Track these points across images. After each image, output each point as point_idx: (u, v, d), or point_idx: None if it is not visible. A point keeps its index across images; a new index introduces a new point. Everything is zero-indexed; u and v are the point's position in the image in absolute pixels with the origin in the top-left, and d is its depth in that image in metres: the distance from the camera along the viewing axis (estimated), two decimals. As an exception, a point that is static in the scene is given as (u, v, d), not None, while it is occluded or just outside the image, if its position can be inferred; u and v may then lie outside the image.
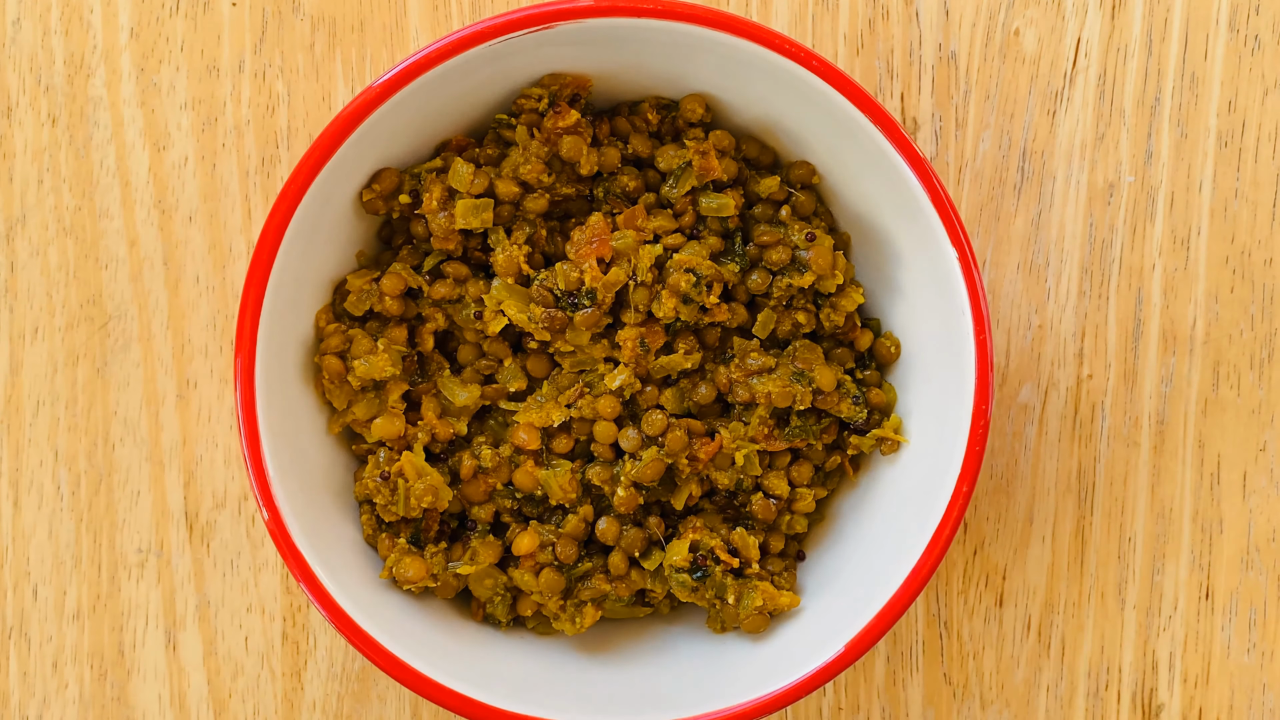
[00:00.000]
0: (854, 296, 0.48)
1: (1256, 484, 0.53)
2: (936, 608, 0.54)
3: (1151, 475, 0.54)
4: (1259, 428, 0.53)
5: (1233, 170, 0.53)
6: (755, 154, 0.49)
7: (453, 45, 0.43)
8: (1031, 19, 0.53)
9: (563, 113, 0.46)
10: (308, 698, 0.54)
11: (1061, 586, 0.54)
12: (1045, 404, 0.54)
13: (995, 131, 0.53)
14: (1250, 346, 0.53)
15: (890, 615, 0.44)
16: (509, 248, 0.46)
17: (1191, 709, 0.54)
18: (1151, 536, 0.54)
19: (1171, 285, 0.53)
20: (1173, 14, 0.53)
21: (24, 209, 0.53)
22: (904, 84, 0.53)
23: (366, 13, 0.53)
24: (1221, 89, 0.53)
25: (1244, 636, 0.54)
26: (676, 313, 0.46)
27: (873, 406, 0.48)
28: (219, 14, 0.53)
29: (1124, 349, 0.54)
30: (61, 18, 0.53)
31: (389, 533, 0.47)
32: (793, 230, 0.47)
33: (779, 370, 0.47)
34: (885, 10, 0.53)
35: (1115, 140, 0.53)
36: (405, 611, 0.47)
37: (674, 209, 0.48)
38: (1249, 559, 0.54)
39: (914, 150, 0.43)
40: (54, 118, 0.53)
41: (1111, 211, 0.53)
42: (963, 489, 0.44)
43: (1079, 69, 0.53)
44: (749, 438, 0.47)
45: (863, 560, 0.48)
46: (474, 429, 0.48)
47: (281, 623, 0.53)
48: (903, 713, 0.54)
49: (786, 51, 0.43)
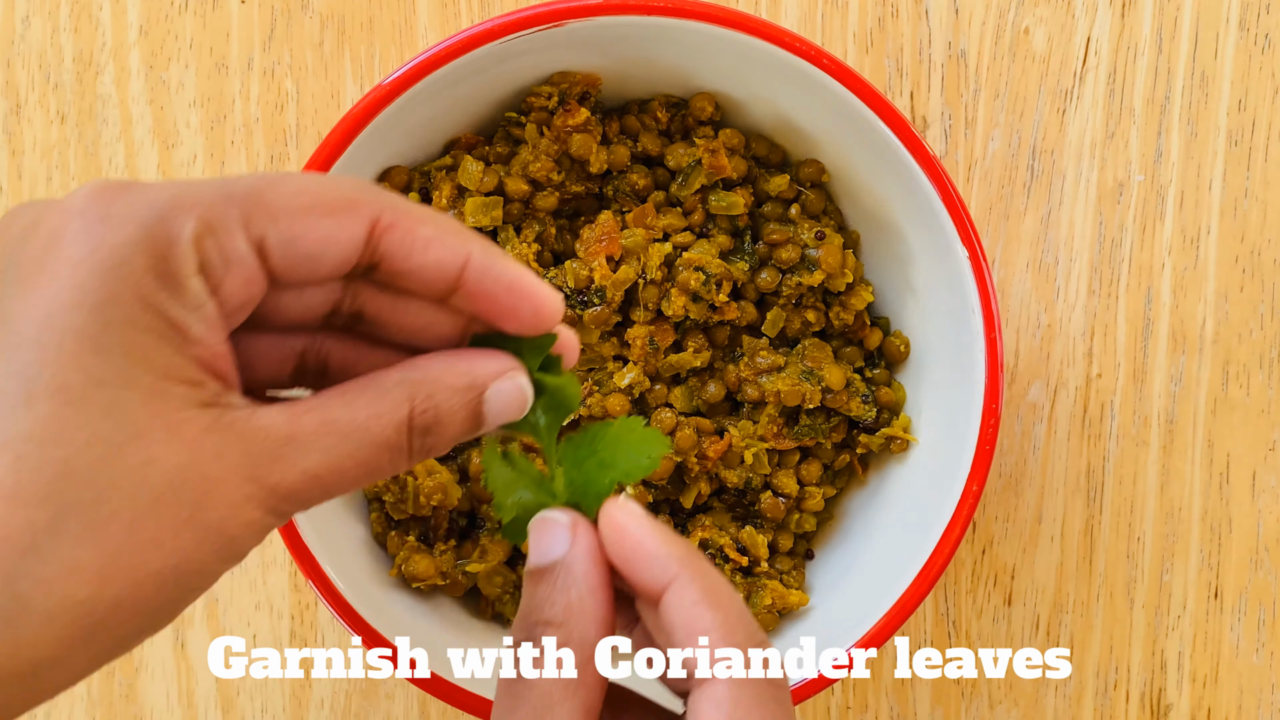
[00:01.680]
0: (863, 295, 0.48)
1: (1266, 483, 0.53)
2: (945, 607, 0.54)
3: (1160, 475, 0.54)
4: (1268, 427, 0.53)
5: (1243, 169, 0.53)
6: (765, 152, 0.49)
7: (462, 43, 0.42)
8: (1041, 17, 0.53)
9: (572, 111, 0.46)
10: (316, 695, 0.54)
11: (1070, 586, 0.54)
12: (1054, 403, 0.54)
13: (1005, 130, 0.53)
14: (1260, 346, 0.53)
15: (899, 614, 0.44)
16: (518, 245, 0.46)
17: (1200, 709, 0.54)
18: (1160, 536, 0.54)
19: (1181, 284, 0.53)
20: (1183, 13, 0.53)
21: (33, 206, 0.53)
22: (913, 82, 0.53)
23: (375, 10, 0.53)
24: (1232, 88, 0.53)
25: (1253, 636, 0.54)
26: (686, 311, 0.46)
27: (882, 405, 0.48)
28: (228, 11, 0.53)
29: (1133, 348, 0.53)
30: (71, 15, 0.53)
31: (398, 530, 0.47)
32: (802, 228, 0.47)
33: (788, 368, 0.47)
34: (895, 8, 0.53)
35: (1125, 139, 0.53)
36: (414, 609, 0.47)
37: (683, 207, 0.48)
38: (1258, 559, 0.54)
39: (924, 149, 0.43)
40: (63, 115, 0.53)
41: (1121, 210, 0.53)
42: (972, 488, 0.44)
43: (1089, 67, 0.53)
44: (758, 436, 0.47)
45: (871, 559, 0.48)
46: (483, 427, 0.48)
47: (290, 620, 0.53)
48: (911, 712, 0.54)
49: (796, 50, 0.43)
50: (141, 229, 0.26)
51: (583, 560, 0.31)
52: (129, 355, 0.26)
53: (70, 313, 0.25)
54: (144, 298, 0.26)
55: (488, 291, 0.30)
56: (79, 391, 0.25)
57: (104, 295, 0.25)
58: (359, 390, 0.29)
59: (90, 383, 0.25)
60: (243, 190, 0.27)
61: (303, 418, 0.28)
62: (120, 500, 0.26)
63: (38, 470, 0.25)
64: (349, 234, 0.28)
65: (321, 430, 0.28)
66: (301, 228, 0.28)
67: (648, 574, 0.31)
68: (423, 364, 0.30)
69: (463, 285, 0.30)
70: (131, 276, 0.26)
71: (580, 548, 0.32)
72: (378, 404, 0.29)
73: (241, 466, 0.27)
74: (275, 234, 0.28)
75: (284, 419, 0.28)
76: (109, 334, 0.26)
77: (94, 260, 0.26)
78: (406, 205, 0.29)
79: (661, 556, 0.31)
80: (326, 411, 0.28)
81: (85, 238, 0.26)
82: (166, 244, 0.26)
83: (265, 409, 0.28)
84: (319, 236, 0.28)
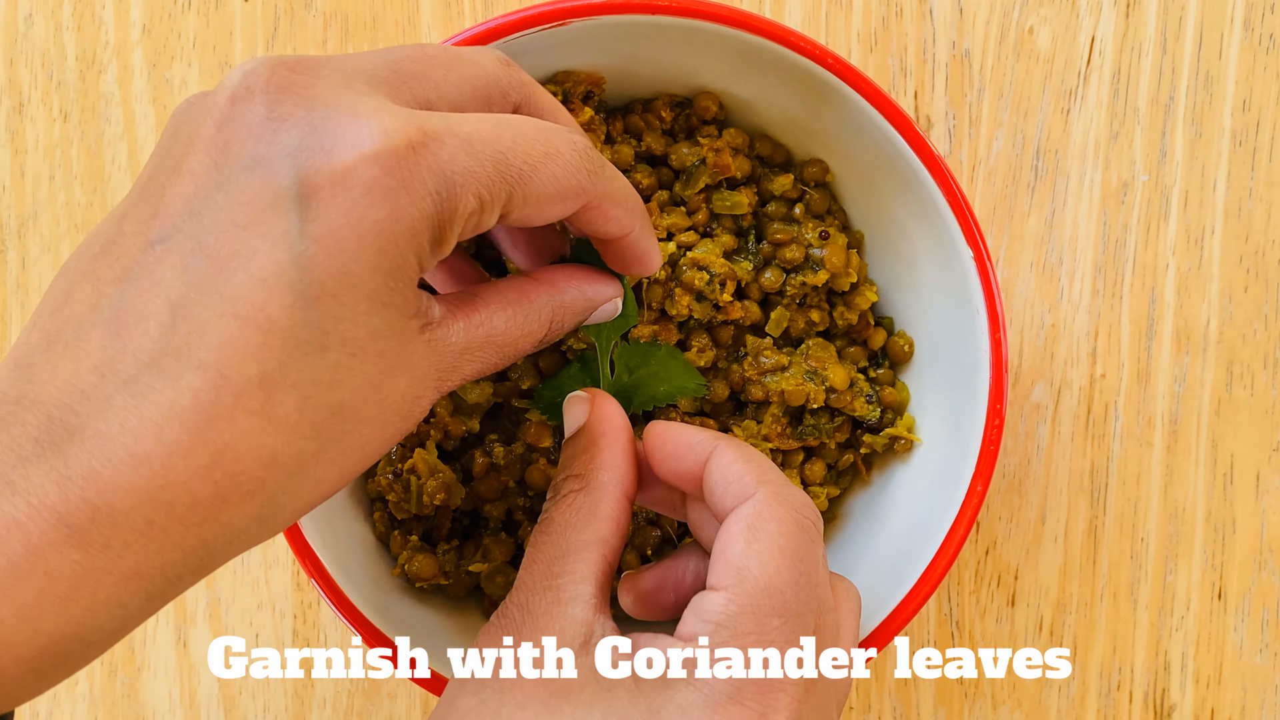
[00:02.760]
0: (867, 295, 0.48)
1: (1270, 484, 0.53)
2: (949, 607, 0.54)
3: (1164, 475, 0.54)
4: (1272, 428, 0.53)
5: (1247, 169, 0.53)
6: (769, 152, 0.48)
7: (465, 42, 0.42)
8: (1045, 17, 0.53)
9: (576, 110, 0.46)
10: (318, 694, 0.53)
11: (1074, 586, 0.54)
12: (1058, 403, 0.53)
13: (1009, 130, 0.53)
14: (1264, 346, 0.53)
15: (903, 615, 0.44)
16: (522, 245, 0.46)
17: (1203, 709, 0.54)
18: (1164, 536, 0.54)
19: (1185, 284, 0.53)
20: (1187, 12, 0.53)
21: (35, 205, 0.53)
22: (918, 82, 0.53)
23: (379, 9, 0.53)
24: (1236, 88, 0.53)
25: (1256, 637, 0.54)
26: (690, 310, 0.46)
27: (886, 405, 0.48)
28: (231, 10, 0.53)
29: (1137, 348, 0.53)
30: (73, 13, 0.53)
31: (401, 530, 0.47)
32: (806, 228, 0.47)
33: (792, 368, 0.47)
34: (899, 8, 0.53)
35: (1129, 139, 0.53)
36: (416, 609, 0.47)
37: (688, 206, 0.47)
38: (1262, 559, 0.53)
39: (929, 149, 0.43)
40: (66, 114, 0.53)
41: (1125, 210, 0.53)
42: (976, 488, 0.44)
43: (1093, 67, 0.53)
44: (762, 436, 0.47)
45: (875, 559, 0.48)
46: (486, 426, 0.48)
47: (292, 620, 0.53)
48: (914, 712, 0.54)
49: (801, 49, 0.43)
50: (435, 203, 0.30)
51: (597, 426, 0.38)
52: (400, 308, 0.30)
53: (369, 275, 0.29)
54: (420, 260, 0.30)
55: (624, 253, 0.37)
56: (362, 344, 0.30)
57: (397, 262, 0.29)
58: (516, 304, 0.35)
59: (371, 336, 0.30)
60: (516, 170, 0.31)
61: (475, 331, 0.33)
62: (369, 429, 0.31)
63: (319, 409, 0.29)
64: (564, 214, 0.34)
65: (487, 343, 0.34)
66: (543, 213, 0.33)
67: (690, 457, 0.37)
68: (561, 284, 0.37)
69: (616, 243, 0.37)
70: (419, 248, 0.30)
71: (598, 414, 0.39)
72: (530, 322, 0.35)
73: (432, 377, 0.32)
74: (522, 214, 0.32)
75: (463, 332, 0.33)
76: (392, 294, 0.30)
77: (396, 230, 0.29)
78: (608, 187, 0.34)
79: (700, 440, 0.37)
80: (492, 325, 0.34)
81: (388, 205, 0.29)
82: (450, 217, 0.30)
83: (453, 322, 0.33)
84: (547, 217, 0.33)
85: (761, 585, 0.33)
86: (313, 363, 0.29)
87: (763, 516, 0.34)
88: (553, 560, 0.36)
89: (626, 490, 0.37)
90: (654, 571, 0.40)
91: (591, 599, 0.35)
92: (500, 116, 0.32)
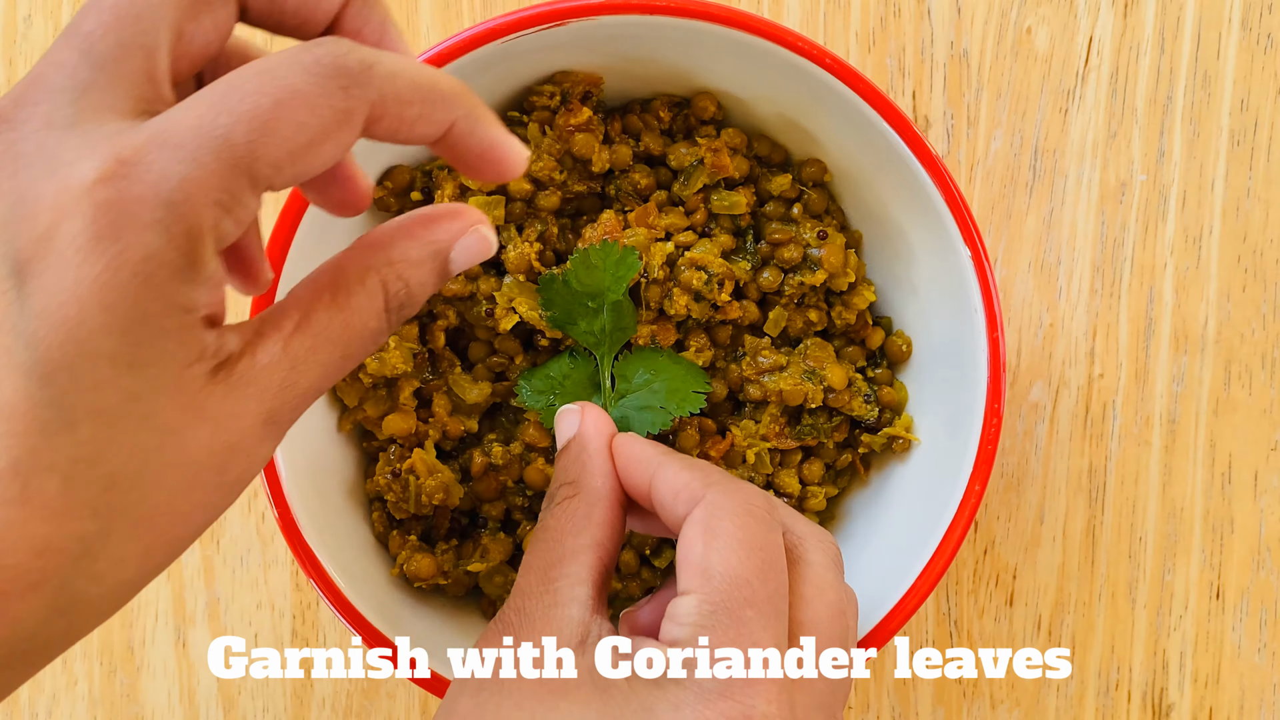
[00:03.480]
0: (865, 294, 0.48)
1: (1268, 483, 0.53)
2: (947, 607, 0.54)
3: (1162, 474, 0.54)
4: (1270, 427, 0.53)
5: (1245, 169, 0.53)
6: (767, 152, 0.49)
7: (464, 43, 0.42)
8: (1044, 17, 0.53)
9: (575, 110, 0.46)
10: (317, 694, 0.54)
11: (1072, 586, 0.54)
12: (1056, 403, 0.53)
13: (1007, 130, 0.53)
14: (1262, 346, 0.53)
15: (901, 614, 0.44)
16: (520, 245, 0.46)
17: (1202, 709, 0.54)
18: (1162, 536, 0.54)
19: (1183, 284, 0.53)
20: (1185, 12, 0.53)
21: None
22: (916, 82, 0.53)
23: (377, 10, 0.53)
24: (1234, 88, 0.53)
25: (1255, 637, 0.54)
26: (688, 310, 0.46)
27: (884, 405, 0.48)
28: (230, 11, 0.53)
29: (1135, 348, 0.53)
30: (72, 14, 0.53)
31: (400, 530, 0.47)
32: (804, 228, 0.47)
33: (790, 368, 0.47)
34: (897, 8, 0.53)
35: (1127, 139, 0.53)
36: (415, 609, 0.47)
37: (686, 206, 0.48)
38: (1260, 559, 0.53)
39: (927, 149, 0.43)
40: (65, 114, 0.53)
41: (1123, 210, 0.53)
42: (974, 488, 0.44)
43: (1091, 67, 0.53)
44: (760, 435, 0.47)
45: (873, 559, 0.48)
46: (485, 426, 0.48)
47: (292, 620, 0.53)
48: (913, 711, 0.54)
49: (799, 49, 0.43)
50: (162, 234, 0.26)
51: (588, 435, 0.39)
52: (159, 363, 0.26)
53: (101, 339, 0.25)
54: (168, 302, 0.26)
55: (462, 156, 0.31)
56: (117, 411, 0.26)
57: (134, 317, 0.26)
58: (333, 289, 0.30)
59: (126, 400, 0.26)
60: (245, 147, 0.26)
61: (294, 341, 0.29)
62: (161, 494, 0.27)
63: (86, 488, 0.26)
64: (343, 146, 0.28)
65: (315, 346, 0.29)
66: (303, 166, 0.28)
67: (640, 470, 0.38)
68: (385, 243, 0.31)
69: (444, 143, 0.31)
70: (163, 290, 0.26)
71: (587, 426, 0.39)
72: (357, 299, 0.30)
73: (255, 414, 0.28)
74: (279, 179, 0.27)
75: (280, 350, 0.29)
76: (140, 351, 0.26)
77: (120, 282, 0.25)
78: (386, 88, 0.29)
79: (648, 455, 0.38)
80: (314, 325, 0.29)
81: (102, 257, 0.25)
82: (191, 239, 0.26)
83: (259, 345, 0.29)
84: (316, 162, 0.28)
85: (728, 580, 0.34)
86: (64, 441, 0.26)
87: (715, 515, 0.35)
88: (549, 565, 0.36)
89: (619, 496, 0.38)
90: (650, 605, 0.41)
91: (588, 600, 0.35)
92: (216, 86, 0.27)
